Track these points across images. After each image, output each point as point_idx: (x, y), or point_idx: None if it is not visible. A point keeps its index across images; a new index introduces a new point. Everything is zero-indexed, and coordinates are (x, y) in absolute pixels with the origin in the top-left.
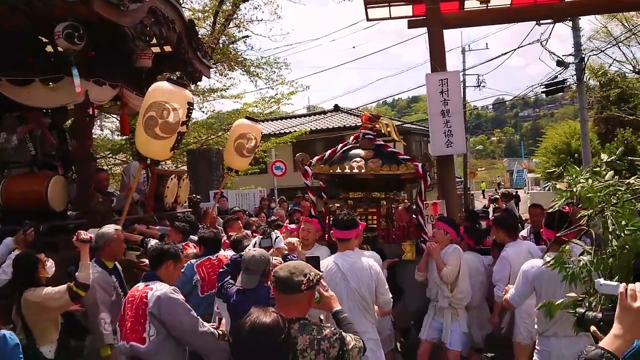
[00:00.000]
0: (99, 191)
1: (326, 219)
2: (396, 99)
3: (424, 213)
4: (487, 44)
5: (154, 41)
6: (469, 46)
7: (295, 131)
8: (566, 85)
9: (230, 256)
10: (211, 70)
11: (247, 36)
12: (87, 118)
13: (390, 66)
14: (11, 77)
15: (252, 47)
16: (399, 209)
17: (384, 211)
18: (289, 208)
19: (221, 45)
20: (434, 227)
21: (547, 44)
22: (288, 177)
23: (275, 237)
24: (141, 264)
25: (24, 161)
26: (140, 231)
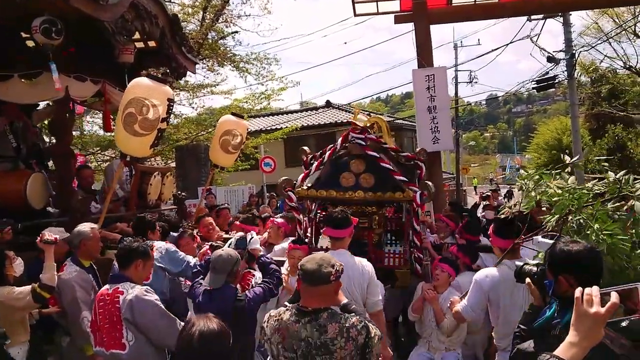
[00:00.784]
0: (83, 188)
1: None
2: (390, 94)
3: (418, 231)
4: (479, 39)
5: (137, 36)
6: (460, 42)
7: (286, 127)
8: (557, 81)
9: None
10: (200, 66)
11: (236, 32)
12: (67, 114)
13: (382, 62)
14: None
15: (241, 43)
16: None
17: (376, 227)
18: (278, 205)
19: (210, 41)
20: (434, 267)
21: (538, 39)
22: (278, 174)
23: (250, 237)
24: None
25: (5, 154)
26: (121, 229)
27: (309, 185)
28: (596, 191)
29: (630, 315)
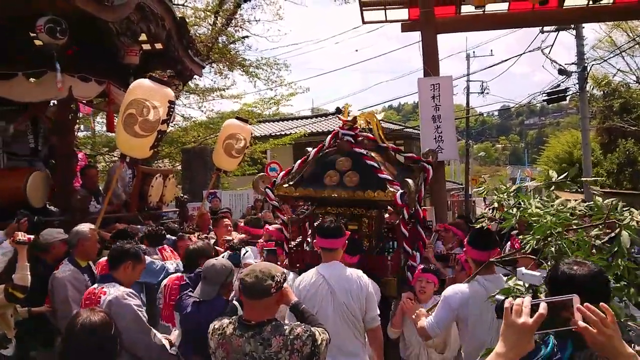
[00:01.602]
0: (87, 188)
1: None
2: (402, 103)
3: (406, 236)
4: (491, 50)
5: (144, 38)
6: (473, 52)
7: (294, 133)
8: (568, 94)
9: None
10: (210, 70)
11: (247, 36)
12: (70, 114)
13: (395, 70)
14: None
15: (250, 47)
16: None
17: (365, 230)
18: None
19: (220, 45)
20: (417, 278)
21: (550, 51)
22: None
23: (244, 252)
24: None
25: (22, 154)
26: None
27: (290, 183)
28: (578, 213)
29: (566, 326)
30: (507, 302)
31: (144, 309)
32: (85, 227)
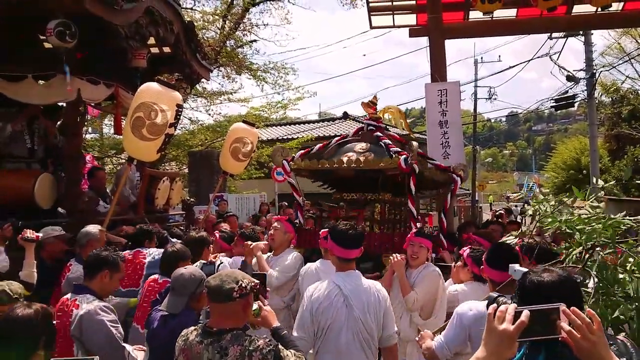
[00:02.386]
0: (95, 190)
1: (315, 223)
2: (409, 108)
3: (414, 214)
4: (499, 56)
5: (152, 41)
6: (481, 58)
7: (302, 137)
8: (576, 100)
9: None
10: (218, 74)
11: (255, 40)
12: (78, 117)
13: (403, 75)
14: (3, 72)
15: (258, 51)
16: None
17: (377, 216)
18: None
19: (228, 49)
20: (408, 240)
21: (558, 58)
22: None
23: (219, 263)
24: None
25: (19, 155)
26: (127, 233)
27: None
28: (627, 225)
29: (550, 334)
30: (491, 308)
31: (119, 325)
32: (94, 228)
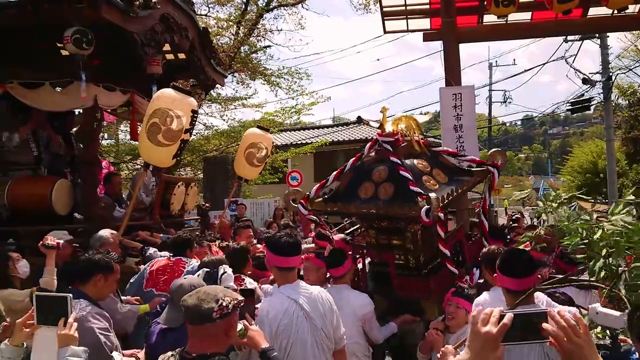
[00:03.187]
0: (111, 195)
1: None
2: (423, 112)
3: (447, 256)
4: (514, 59)
5: (167, 48)
6: (496, 61)
7: (316, 142)
8: (593, 103)
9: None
10: (232, 79)
11: (269, 46)
12: (95, 123)
13: (417, 79)
14: (22, 79)
15: (272, 57)
16: None
17: (409, 245)
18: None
19: (242, 55)
20: (446, 302)
21: (574, 61)
22: (307, 188)
23: (222, 272)
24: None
25: (26, 162)
26: (143, 238)
27: (323, 197)
28: None
29: (538, 339)
30: (476, 310)
31: (111, 334)
32: (106, 232)
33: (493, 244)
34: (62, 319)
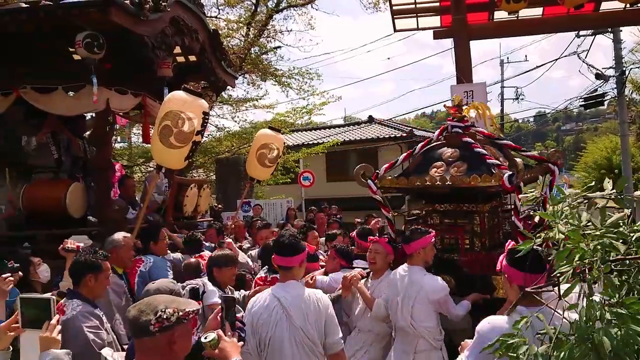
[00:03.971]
0: (125, 198)
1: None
2: (435, 110)
3: (520, 229)
4: (526, 56)
5: (178, 51)
6: (507, 58)
7: (327, 142)
8: (606, 99)
9: None
10: (243, 81)
11: (279, 47)
12: (107, 126)
13: (428, 77)
14: (35, 84)
15: (282, 57)
16: None
17: (475, 226)
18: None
19: (252, 56)
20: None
21: (587, 56)
22: (320, 188)
23: (202, 291)
24: None
25: (46, 165)
26: (169, 237)
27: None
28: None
29: None
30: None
31: (102, 331)
32: (119, 236)
33: None
34: (46, 322)
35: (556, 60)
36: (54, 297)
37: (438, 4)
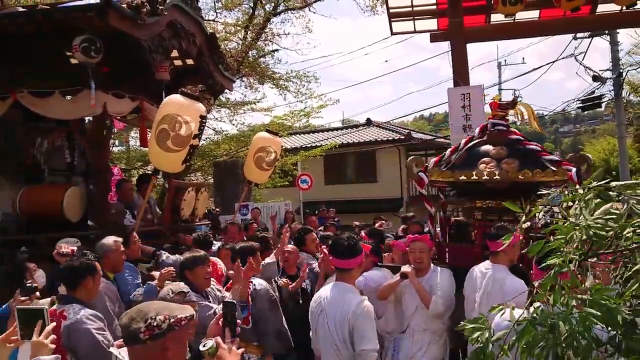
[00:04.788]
0: (123, 202)
1: (445, 230)
2: (433, 112)
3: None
4: (523, 58)
5: (175, 54)
6: (504, 60)
7: (325, 145)
8: (603, 101)
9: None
10: (240, 84)
11: (276, 50)
12: (105, 130)
13: (426, 80)
14: (32, 88)
15: (280, 60)
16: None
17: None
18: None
19: (250, 59)
20: (409, 242)
21: (584, 58)
22: (318, 191)
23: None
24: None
25: (58, 168)
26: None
27: (444, 168)
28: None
29: None
30: None
31: (107, 332)
32: (110, 240)
33: None
34: (39, 328)
35: (553, 62)
36: (46, 306)
37: (435, 7)
